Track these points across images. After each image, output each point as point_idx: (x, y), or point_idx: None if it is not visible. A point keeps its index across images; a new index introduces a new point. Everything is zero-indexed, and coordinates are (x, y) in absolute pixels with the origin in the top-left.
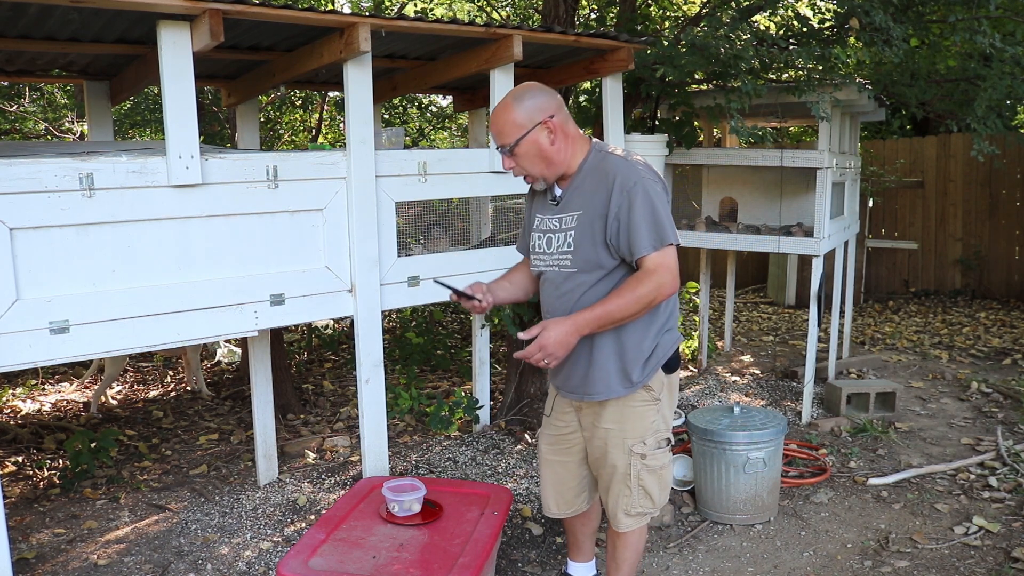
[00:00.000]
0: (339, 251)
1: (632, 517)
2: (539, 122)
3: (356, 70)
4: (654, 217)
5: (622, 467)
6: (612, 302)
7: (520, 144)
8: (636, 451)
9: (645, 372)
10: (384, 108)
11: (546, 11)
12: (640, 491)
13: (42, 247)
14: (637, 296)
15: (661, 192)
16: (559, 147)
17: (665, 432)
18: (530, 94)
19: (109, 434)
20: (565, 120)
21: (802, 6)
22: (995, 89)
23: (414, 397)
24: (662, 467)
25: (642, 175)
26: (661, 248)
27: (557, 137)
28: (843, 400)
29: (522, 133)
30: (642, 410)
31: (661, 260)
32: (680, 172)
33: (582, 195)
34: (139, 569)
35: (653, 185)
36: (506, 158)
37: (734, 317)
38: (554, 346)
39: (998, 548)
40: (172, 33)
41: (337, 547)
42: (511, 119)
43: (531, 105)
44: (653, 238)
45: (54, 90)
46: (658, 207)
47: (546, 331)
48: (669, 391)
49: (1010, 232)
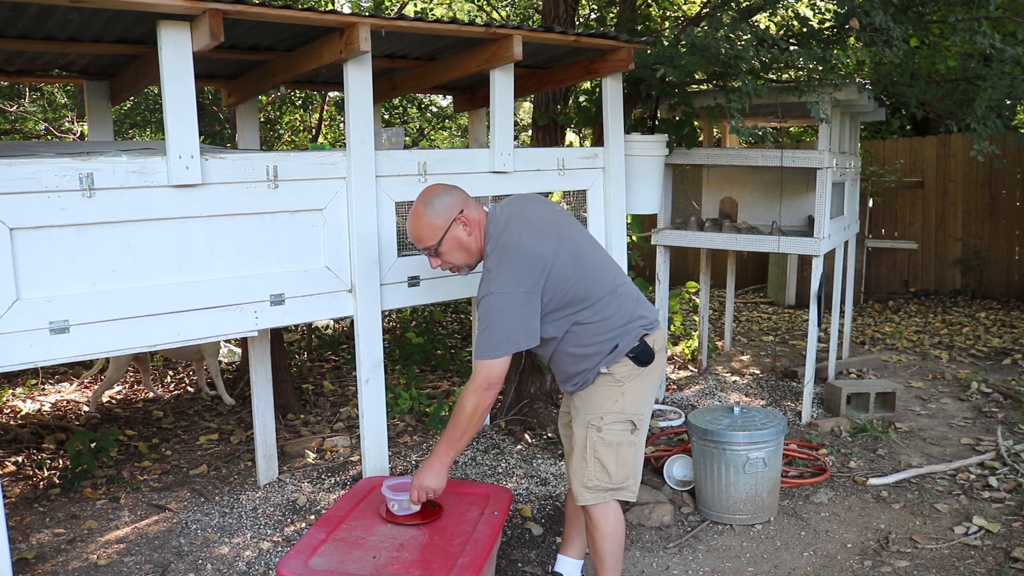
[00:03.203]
0: (339, 251)
1: (590, 491)
2: (453, 219)
3: (356, 70)
4: (488, 331)
5: (580, 440)
6: (448, 430)
7: (442, 243)
8: (592, 424)
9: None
10: (384, 108)
11: (546, 11)
12: (596, 463)
13: (42, 247)
14: (462, 414)
15: (507, 301)
16: (475, 236)
17: (630, 414)
18: (438, 196)
19: (109, 434)
20: (471, 208)
21: (802, 6)
22: (995, 89)
23: (414, 397)
24: (620, 444)
25: (490, 287)
26: (484, 359)
27: (472, 228)
28: (843, 400)
29: (441, 234)
30: (603, 390)
31: (480, 371)
32: (680, 172)
33: None
34: (139, 569)
35: (498, 299)
36: (432, 259)
37: (734, 317)
38: (430, 481)
39: (998, 548)
40: (172, 33)
41: (337, 547)
42: (428, 223)
43: (441, 206)
44: (481, 348)
45: (54, 90)
46: (498, 318)
47: (418, 477)
48: (641, 380)
49: (1010, 232)
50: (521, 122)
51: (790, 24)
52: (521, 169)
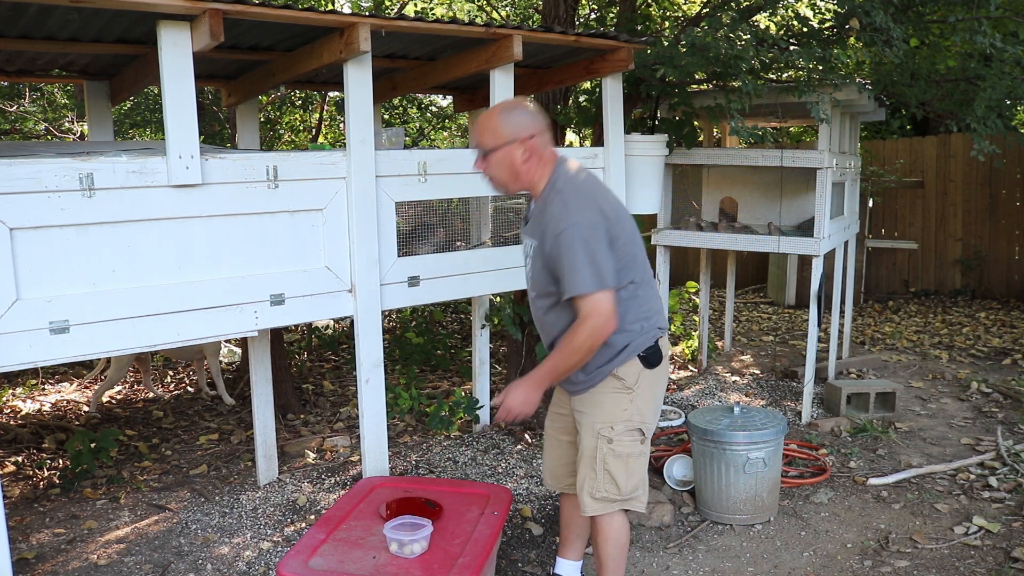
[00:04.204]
0: (339, 251)
1: (597, 501)
2: (519, 139)
3: (356, 70)
4: (577, 265)
5: (589, 449)
6: (556, 356)
7: (495, 153)
8: (603, 434)
9: (615, 362)
10: (384, 108)
11: (546, 11)
12: (605, 475)
13: (42, 247)
14: (575, 347)
15: (590, 233)
16: (529, 167)
17: (638, 423)
18: (519, 111)
19: (109, 434)
20: (543, 144)
21: (802, 6)
22: (995, 89)
23: (414, 397)
24: (629, 455)
25: (572, 220)
26: (590, 292)
27: (531, 158)
28: (843, 400)
29: (499, 144)
30: (613, 397)
31: (590, 308)
32: (680, 172)
33: (537, 226)
34: (139, 569)
35: (582, 230)
36: (479, 161)
37: (734, 317)
38: (519, 405)
39: (998, 548)
40: (172, 33)
41: (337, 547)
42: (494, 127)
43: (516, 121)
44: (576, 285)
45: (54, 90)
46: (582, 252)
47: (510, 394)
48: (650, 385)
49: (1010, 232)
50: None
51: (790, 24)
52: None
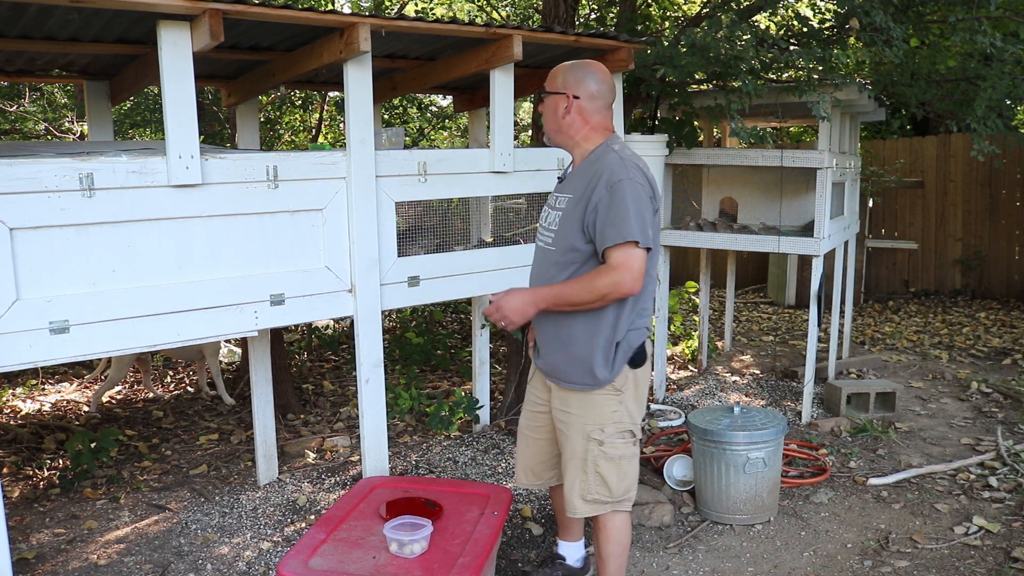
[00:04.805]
0: (339, 251)
1: (588, 503)
2: (567, 93)
3: (356, 70)
4: (627, 214)
5: (580, 452)
6: (570, 285)
7: (547, 97)
8: (594, 437)
9: (612, 370)
10: (384, 108)
11: (546, 11)
12: (596, 477)
13: (42, 247)
14: (593, 286)
15: (643, 195)
16: (570, 122)
17: (628, 424)
18: (583, 71)
19: (109, 434)
20: (594, 110)
21: (802, 6)
22: (995, 89)
23: (414, 397)
24: (621, 457)
25: (630, 175)
26: (625, 244)
27: (571, 115)
28: (843, 400)
29: (552, 89)
30: (603, 399)
31: (624, 259)
32: (680, 172)
33: (578, 180)
34: (139, 569)
35: (637, 187)
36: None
37: (734, 317)
38: (511, 312)
39: (998, 548)
40: (172, 33)
41: (337, 547)
42: (559, 74)
43: (573, 77)
44: (620, 232)
45: (54, 90)
46: (633, 206)
47: (507, 297)
48: (635, 385)
49: (1010, 232)
50: (521, 122)
51: (790, 24)
52: (521, 169)
